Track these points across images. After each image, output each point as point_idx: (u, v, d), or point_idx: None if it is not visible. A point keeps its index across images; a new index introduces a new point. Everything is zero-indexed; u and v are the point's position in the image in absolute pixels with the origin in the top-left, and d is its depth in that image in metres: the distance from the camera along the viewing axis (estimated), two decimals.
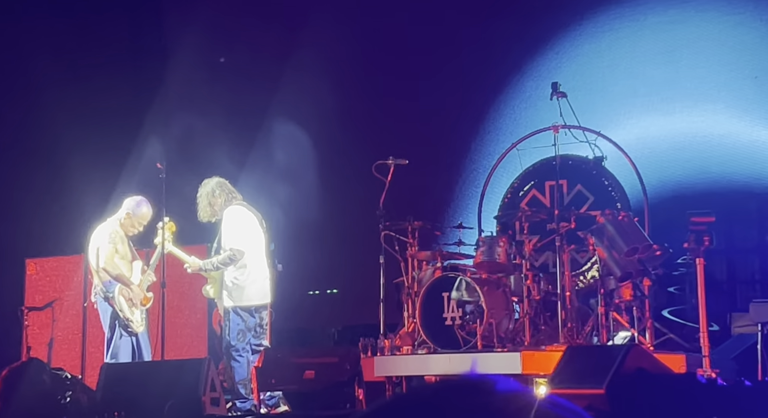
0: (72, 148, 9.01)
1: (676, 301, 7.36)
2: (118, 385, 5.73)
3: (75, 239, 8.75)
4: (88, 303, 7.21)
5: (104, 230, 6.97)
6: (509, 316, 6.82)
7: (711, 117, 7.94)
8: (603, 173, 7.72)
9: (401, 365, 6.82)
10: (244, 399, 6.48)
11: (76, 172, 9.03)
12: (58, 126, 9.16)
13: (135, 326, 6.86)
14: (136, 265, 6.99)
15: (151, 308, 7.01)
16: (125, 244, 6.92)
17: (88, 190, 8.89)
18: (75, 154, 9.00)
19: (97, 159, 8.87)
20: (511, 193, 8.15)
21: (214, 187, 6.73)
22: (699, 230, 5.96)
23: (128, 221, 6.90)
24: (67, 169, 9.12)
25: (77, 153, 8.97)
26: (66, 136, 9.08)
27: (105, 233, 6.94)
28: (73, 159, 9.03)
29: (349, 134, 9.08)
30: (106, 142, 9.11)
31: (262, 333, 6.71)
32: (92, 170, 8.82)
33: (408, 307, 7.27)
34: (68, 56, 9.36)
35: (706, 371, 5.63)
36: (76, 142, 8.96)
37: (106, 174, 8.71)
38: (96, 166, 8.81)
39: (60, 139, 9.16)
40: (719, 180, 7.73)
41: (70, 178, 9.11)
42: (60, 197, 9.21)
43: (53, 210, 9.16)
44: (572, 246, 6.90)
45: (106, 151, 9.03)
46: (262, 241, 6.79)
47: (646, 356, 5.33)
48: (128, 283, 6.88)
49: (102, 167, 8.81)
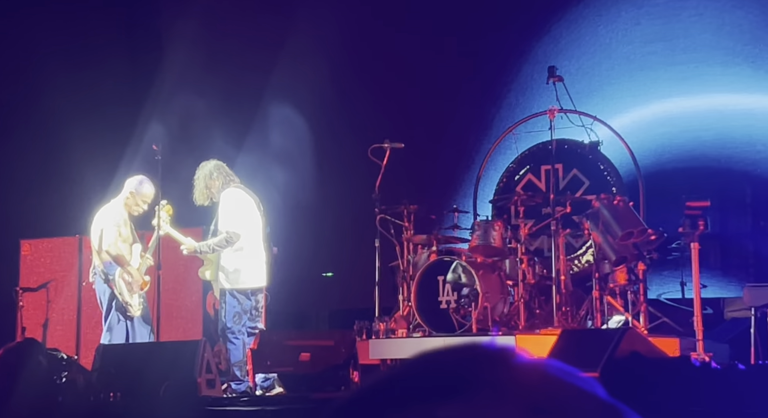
0: (69, 129, 8.98)
1: (670, 285, 7.38)
2: (114, 366, 5.74)
3: (69, 220, 8.75)
4: (86, 283, 7.21)
5: (108, 211, 6.97)
6: (504, 300, 6.84)
7: (707, 102, 7.95)
8: (599, 158, 7.72)
9: (396, 348, 6.84)
10: (239, 381, 6.50)
11: (73, 153, 9.01)
12: (56, 107, 9.13)
13: (133, 310, 6.86)
14: (136, 248, 6.98)
15: (148, 290, 7.01)
16: (128, 226, 6.92)
17: (84, 172, 8.88)
18: (72, 135, 8.98)
19: (95, 140, 8.86)
20: (506, 177, 8.15)
21: (212, 169, 6.72)
22: (694, 214, 5.98)
23: (132, 200, 6.90)
24: (64, 150, 9.10)
25: (74, 134, 8.95)
26: (63, 117, 9.06)
27: (109, 214, 6.94)
28: (69, 140, 9.01)
29: (345, 117, 9.07)
30: (105, 124, 9.09)
31: (258, 316, 6.72)
32: (90, 151, 8.80)
33: (403, 290, 7.28)
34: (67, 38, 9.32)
35: (700, 354, 5.66)
36: (74, 123, 8.93)
37: (104, 155, 8.69)
38: (94, 148, 8.79)
39: (57, 120, 9.14)
40: (715, 165, 7.74)
41: (66, 159, 9.09)
42: (54, 178, 9.20)
43: (48, 191, 9.14)
44: (567, 230, 6.91)
45: (104, 132, 9.01)
46: (259, 224, 6.79)
47: (640, 339, 5.36)
48: (127, 266, 6.88)
49: (100, 148, 8.79)
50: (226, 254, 6.65)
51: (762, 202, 7.63)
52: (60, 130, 9.13)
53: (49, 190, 9.12)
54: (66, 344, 7.65)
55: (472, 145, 8.61)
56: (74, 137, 8.98)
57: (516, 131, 8.12)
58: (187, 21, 9.25)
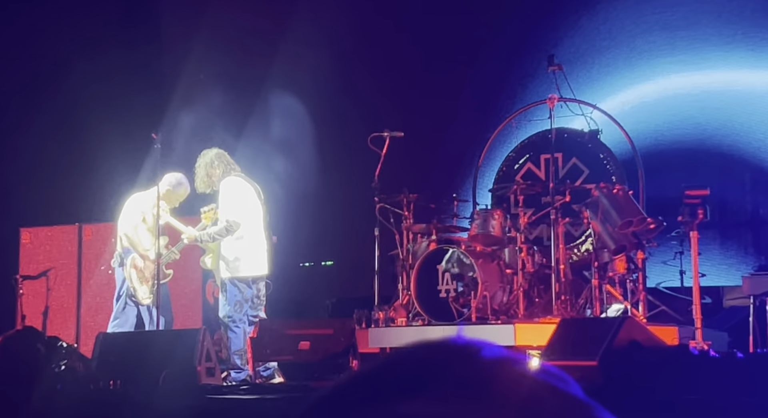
0: (71, 118, 8.98)
1: (669, 274, 7.39)
2: (114, 354, 5.75)
3: (69, 208, 8.75)
4: (112, 271, 7.24)
5: (140, 198, 7.03)
6: (503, 288, 6.85)
7: (707, 90, 7.93)
8: (598, 146, 7.72)
9: (395, 336, 6.86)
10: (239, 369, 6.51)
11: (74, 142, 9.01)
12: (57, 97, 9.13)
13: (140, 297, 6.89)
14: (162, 240, 7.00)
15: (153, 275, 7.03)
16: (155, 217, 6.93)
17: (86, 161, 8.87)
18: (73, 124, 8.97)
19: (97, 129, 8.85)
20: (506, 166, 8.15)
21: (213, 158, 6.72)
22: (693, 203, 5.98)
23: (166, 197, 6.93)
24: (65, 139, 9.09)
25: (75, 124, 8.95)
26: (64, 108, 9.05)
27: (140, 201, 7.00)
28: (71, 129, 9.01)
29: (345, 106, 9.06)
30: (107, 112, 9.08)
31: (259, 304, 6.73)
32: (91, 140, 8.80)
33: (402, 279, 7.29)
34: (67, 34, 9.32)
35: (699, 343, 5.67)
36: (76, 113, 8.93)
37: (107, 144, 8.69)
38: (95, 137, 8.79)
39: (57, 110, 9.13)
40: (714, 153, 7.74)
41: (67, 148, 9.09)
42: (54, 167, 9.19)
43: (48, 180, 9.15)
44: (567, 219, 6.91)
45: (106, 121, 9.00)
46: (259, 212, 6.79)
47: (639, 328, 5.36)
48: (144, 254, 6.92)
49: (102, 137, 8.78)
50: (227, 243, 6.65)
51: (761, 191, 7.63)
52: (62, 119, 9.13)
53: (49, 179, 9.13)
54: (66, 332, 7.67)
55: (471, 135, 8.60)
56: (77, 126, 8.98)
57: (515, 120, 8.11)
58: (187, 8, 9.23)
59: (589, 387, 2.87)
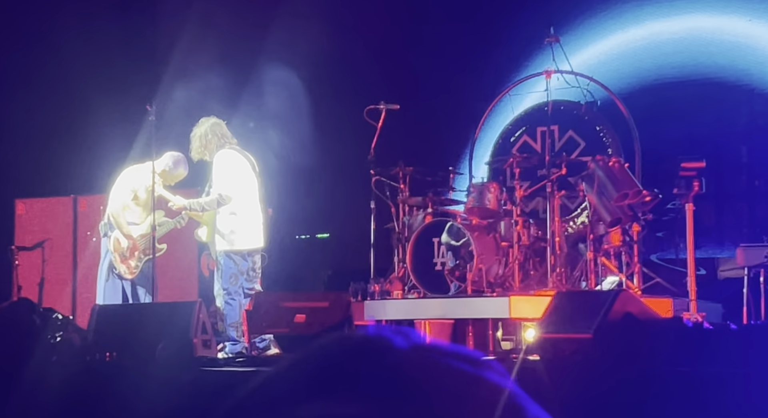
0: (67, 88, 8.93)
1: (664, 246, 7.40)
2: (110, 326, 5.76)
3: (65, 180, 8.73)
4: (95, 239, 7.24)
5: (133, 173, 6.99)
6: (499, 261, 6.86)
7: (705, 62, 7.88)
8: (595, 119, 7.69)
9: (391, 309, 6.87)
10: (235, 342, 6.53)
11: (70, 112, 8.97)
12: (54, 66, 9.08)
13: (122, 272, 6.91)
14: (158, 214, 6.98)
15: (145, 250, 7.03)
16: (148, 192, 6.90)
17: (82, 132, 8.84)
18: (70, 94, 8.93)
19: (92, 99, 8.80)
20: (502, 139, 8.13)
21: (209, 128, 6.69)
22: (689, 175, 5.97)
23: (162, 175, 6.90)
24: (60, 109, 9.05)
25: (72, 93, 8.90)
26: (60, 76, 9.00)
27: (132, 177, 6.97)
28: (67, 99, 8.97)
29: (341, 78, 9.01)
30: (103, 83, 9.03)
31: (255, 277, 6.74)
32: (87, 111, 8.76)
33: (398, 252, 7.30)
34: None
35: (693, 314, 5.69)
36: (71, 83, 8.88)
37: (102, 115, 8.65)
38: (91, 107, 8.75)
39: (54, 79, 9.08)
40: (711, 124, 7.71)
41: (62, 119, 9.05)
42: (50, 138, 9.16)
43: (43, 151, 9.12)
44: (563, 192, 6.91)
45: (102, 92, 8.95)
46: (254, 185, 6.77)
47: (633, 301, 5.38)
48: (127, 234, 6.92)
49: (97, 108, 8.74)
50: (222, 216, 6.64)
51: (757, 163, 7.61)
52: (57, 90, 9.08)
53: (44, 150, 9.10)
54: (61, 303, 7.67)
55: (467, 107, 8.56)
56: (73, 97, 8.93)
57: (512, 92, 8.07)
58: None
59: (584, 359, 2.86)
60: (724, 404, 3.97)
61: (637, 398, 4.14)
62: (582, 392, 4.09)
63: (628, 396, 4.17)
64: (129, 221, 6.97)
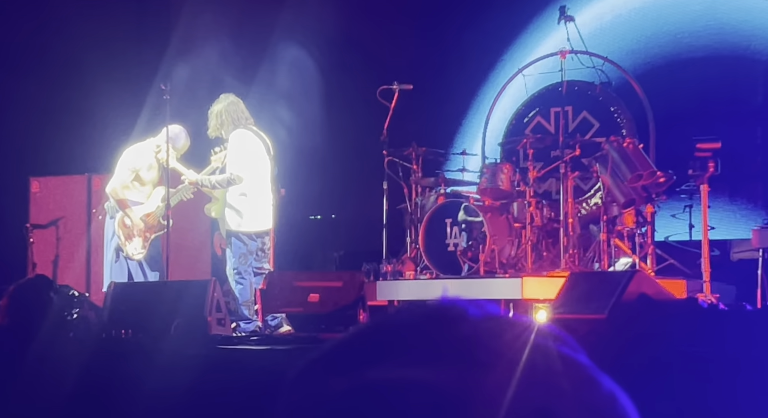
0: (81, 67, 8.92)
1: (678, 227, 7.38)
2: (125, 304, 5.79)
3: (79, 159, 8.74)
4: (101, 217, 7.26)
5: (135, 152, 6.98)
6: (512, 242, 6.86)
7: (720, 41, 7.81)
8: (609, 99, 7.65)
9: (403, 289, 6.89)
10: (248, 320, 6.55)
11: (85, 91, 8.96)
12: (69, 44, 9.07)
13: (130, 253, 6.93)
14: (158, 191, 6.98)
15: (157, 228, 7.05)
16: (154, 169, 6.90)
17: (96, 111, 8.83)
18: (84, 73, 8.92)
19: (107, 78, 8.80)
20: (515, 119, 8.09)
21: (227, 106, 6.69)
22: (704, 156, 5.94)
23: (164, 148, 6.91)
24: (75, 88, 9.04)
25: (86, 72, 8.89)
26: (76, 55, 8.99)
27: (134, 156, 6.96)
28: (81, 78, 8.96)
29: (354, 58, 8.98)
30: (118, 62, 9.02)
31: (264, 257, 6.75)
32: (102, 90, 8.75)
33: (411, 233, 7.30)
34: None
35: (707, 296, 5.68)
36: (87, 61, 8.87)
37: (117, 94, 8.65)
38: (106, 86, 8.74)
39: (70, 57, 9.07)
40: (727, 105, 7.66)
41: (77, 97, 9.04)
42: (65, 117, 9.16)
43: (58, 129, 9.12)
44: (576, 173, 6.89)
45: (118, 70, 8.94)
46: (267, 167, 6.76)
47: (648, 281, 5.37)
48: (129, 214, 6.93)
49: (112, 87, 8.74)
50: (232, 196, 6.65)
51: None
52: (72, 68, 9.07)
53: (59, 129, 9.10)
54: (77, 281, 7.70)
55: (481, 87, 8.52)
56: (86, 75, 8.92)
57: (525, 73, 8.03)
58: None
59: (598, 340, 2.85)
60: (738, 386, 3.97)
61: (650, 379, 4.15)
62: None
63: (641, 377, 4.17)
64: (131, 200, 6.98)
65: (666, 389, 4.09)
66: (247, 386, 4.52)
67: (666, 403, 3.78)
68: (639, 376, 4.17)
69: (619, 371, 2.40)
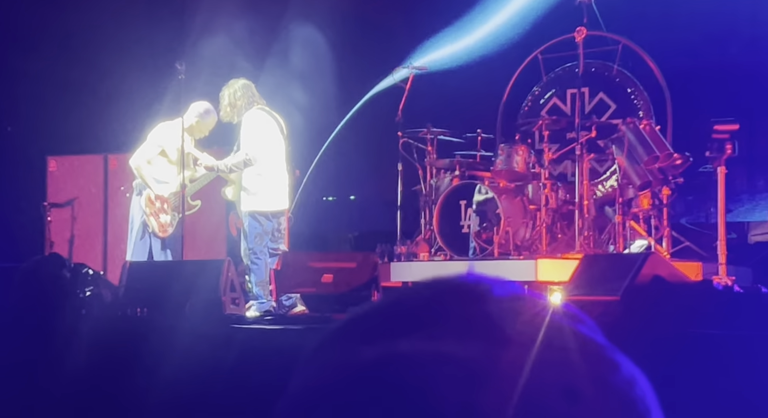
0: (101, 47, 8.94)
1: (695, 210, 7.32)
2: (140, 282, 5.82)
3: (96, 138, 8.78)
4: (130, 194, 7.28)
5: (164, 130, 6.98)
6: (526, 224, 6.83)
7: (739, 22, 7.71)
8: (626, 81, 7.59)
9: (417, 271, 6.88)
10: (263, 300, 6.58)
11: (103, 71, 8.99)
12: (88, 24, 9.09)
13: (157, 230, 6.94)
14: (186, 172, 7.00)
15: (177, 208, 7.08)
16: (178, 150, 6.90)
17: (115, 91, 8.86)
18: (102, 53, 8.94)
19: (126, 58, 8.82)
20: (531, 101, 8.04)
21: (238, 89, 6.70)
22: (722, 138, 5.89)
23: (196, 127, 6.92)
24: (94, 68, 9.07)
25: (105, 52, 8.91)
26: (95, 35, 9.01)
27: (163, 133, 6.96)
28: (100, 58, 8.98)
29: (369, 39, 8.95)
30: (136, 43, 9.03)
31: (280, 237, 6.77)
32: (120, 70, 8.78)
33: (425, 214, 7.29)
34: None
35: (723, 278, 5.65)
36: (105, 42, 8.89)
37: (135, 74, 8.66)
38: (124, 67, 8.76)
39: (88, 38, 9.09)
40: (745, 87, 7.57)
41: (95, 77, 9.07)
42: (83, 96, 9.19)
43: (76, 109, 9.16)
44: (592, 155, 6.85)
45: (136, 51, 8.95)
46: (281, 147, 6.78)
47: (663, 263, 5.34)
48: (151, 188, 6.94)
49: (130, 67, 8.76)
50: (248, 177, 6.66)
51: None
52: (91, 48, 9.10)
53: (76, 108, 9.14)
54: (93, 260, 7.76)
55: (497, 69, 8.47)
56: (104, 55, 8.95)
57: (542, 54, 7.97)
58: None
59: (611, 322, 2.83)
60: (753, 368, 3.95)
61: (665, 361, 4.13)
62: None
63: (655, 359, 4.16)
64: (157, 178, 6.99)
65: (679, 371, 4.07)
66: (261, 366, 4.55)
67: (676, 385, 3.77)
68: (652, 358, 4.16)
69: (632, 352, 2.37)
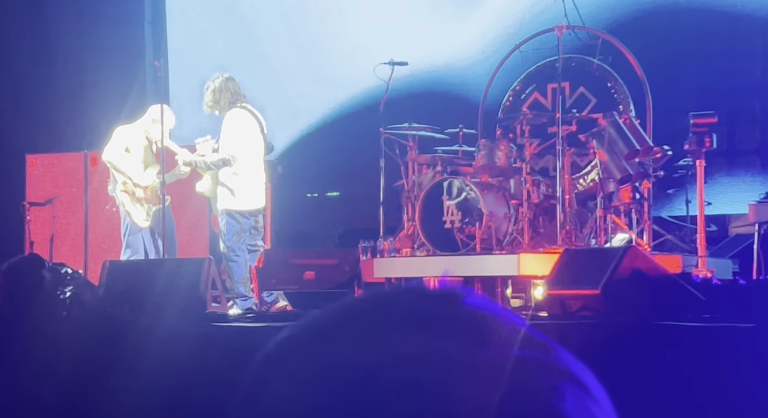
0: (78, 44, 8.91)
1: (675, 203, 7.36)
2: (121, 281, 5.81)
3: (76, 136, 8.75)
4: (111, 203, 7.34)
5: (125, 131, 7.13)
6: (509, 219, 6.85)
7: (718, 18, 7.75)
8: (606, 75, 7.61)
9: (400, 266, 6.89)
10: (244, 297, 6.58)
11: (80, 68, 8.95)
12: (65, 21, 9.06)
13: (136, 220, 6.99)
14: (152, 169, 7.06)
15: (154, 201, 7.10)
16: (145, 148, 6.95)
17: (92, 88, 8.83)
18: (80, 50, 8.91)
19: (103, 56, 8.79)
20: (512, 96, 8.05)
21: (222, 84, 6.74)
22: (701, 131, 5.91)
23: (153, 128, 6.97)
24: (71, 65, 9.04)
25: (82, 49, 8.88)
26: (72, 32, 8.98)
27: (124, 133, 7.10)
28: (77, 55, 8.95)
29: (350, 35, 8.94)
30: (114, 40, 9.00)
31: (258, 234, 6.79)
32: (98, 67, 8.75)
33: (408, 210, 7.30)
34: None
35: (702, 270, 5.68)
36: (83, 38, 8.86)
37: (113, 72, 8.64)
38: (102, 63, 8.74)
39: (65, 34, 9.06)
40: (724, 80, 7.61)
41: (73, 74, 9.04)
42: (61, 94, 9.16)
43: (54, 107, 9.13)
44: (573, 149, 6.87)
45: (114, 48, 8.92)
46: (260, 147, 6.79)
47: (642, 257, 5.36)
48: (129, 177, 7.00)
49: (109, 64, 8.73)
50: (224, 175, 6.68)
51: None
52: (68, 45, 9.06)
53: (55, 106, 9.11)
54: (74, 259, 7.73)
55: (478, 64, 8.48)
56: (83, 52, 8.91)
57: (522, 49, 7.98)
58: None
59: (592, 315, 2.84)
60: (731, 360, 3.97)
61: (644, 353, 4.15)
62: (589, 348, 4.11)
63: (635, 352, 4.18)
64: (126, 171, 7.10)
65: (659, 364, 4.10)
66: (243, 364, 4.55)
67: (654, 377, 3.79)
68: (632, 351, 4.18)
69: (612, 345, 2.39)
